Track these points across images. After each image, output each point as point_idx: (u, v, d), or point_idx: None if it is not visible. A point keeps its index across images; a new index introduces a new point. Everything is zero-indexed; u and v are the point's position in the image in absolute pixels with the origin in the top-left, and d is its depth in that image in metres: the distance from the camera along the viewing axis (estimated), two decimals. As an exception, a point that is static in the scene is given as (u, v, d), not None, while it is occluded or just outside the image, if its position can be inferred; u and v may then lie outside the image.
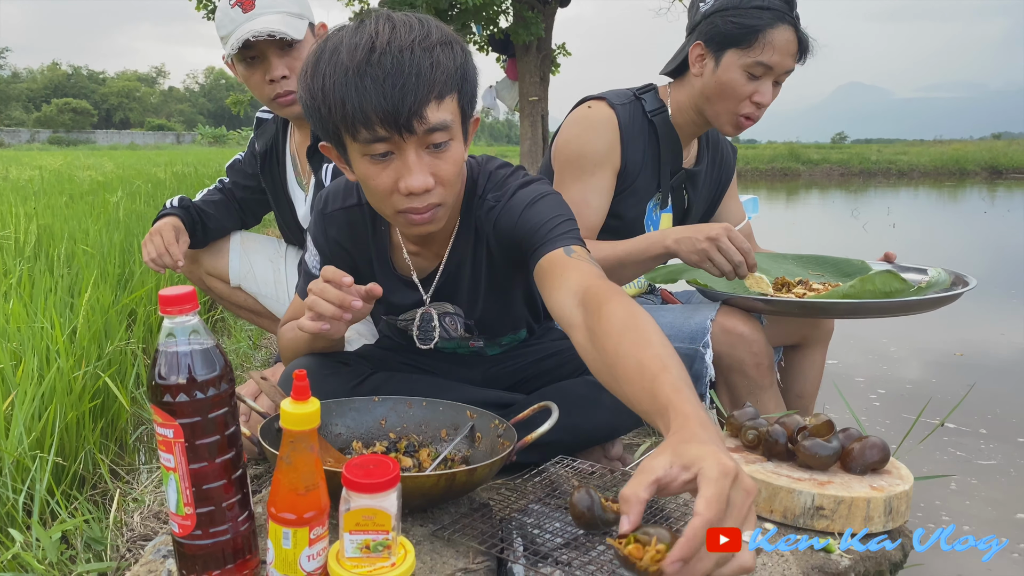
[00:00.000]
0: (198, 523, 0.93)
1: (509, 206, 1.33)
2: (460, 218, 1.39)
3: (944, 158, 22.53)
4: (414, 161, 1.15)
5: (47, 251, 3.71)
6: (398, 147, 1.15)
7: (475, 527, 1.14)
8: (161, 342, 0.91)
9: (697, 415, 0.85)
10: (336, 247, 1.45)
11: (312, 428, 0.89)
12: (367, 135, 1.13)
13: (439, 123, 1.13)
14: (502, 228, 1.34)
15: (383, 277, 1.45)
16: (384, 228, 1.43)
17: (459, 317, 1.48)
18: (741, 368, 1.73)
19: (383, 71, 1.09)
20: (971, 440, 2.86)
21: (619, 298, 1.07)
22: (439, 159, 1.18)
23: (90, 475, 1.91)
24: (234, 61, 1.86)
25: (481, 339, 1.55)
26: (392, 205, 1.21)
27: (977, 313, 4.79)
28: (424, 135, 1.14)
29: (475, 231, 1.39)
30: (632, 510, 0.77)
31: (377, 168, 1.17)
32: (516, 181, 1.37)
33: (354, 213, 1.43)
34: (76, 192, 7.08)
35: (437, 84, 1.11)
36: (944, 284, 1.75)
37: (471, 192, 1.38)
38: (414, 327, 1.51)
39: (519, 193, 1.34)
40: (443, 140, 1.16)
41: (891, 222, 9.92)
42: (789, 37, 1.74)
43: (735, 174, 2.17)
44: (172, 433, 0.90)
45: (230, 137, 51.65)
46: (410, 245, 1.43)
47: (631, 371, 0.96)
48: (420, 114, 1.11)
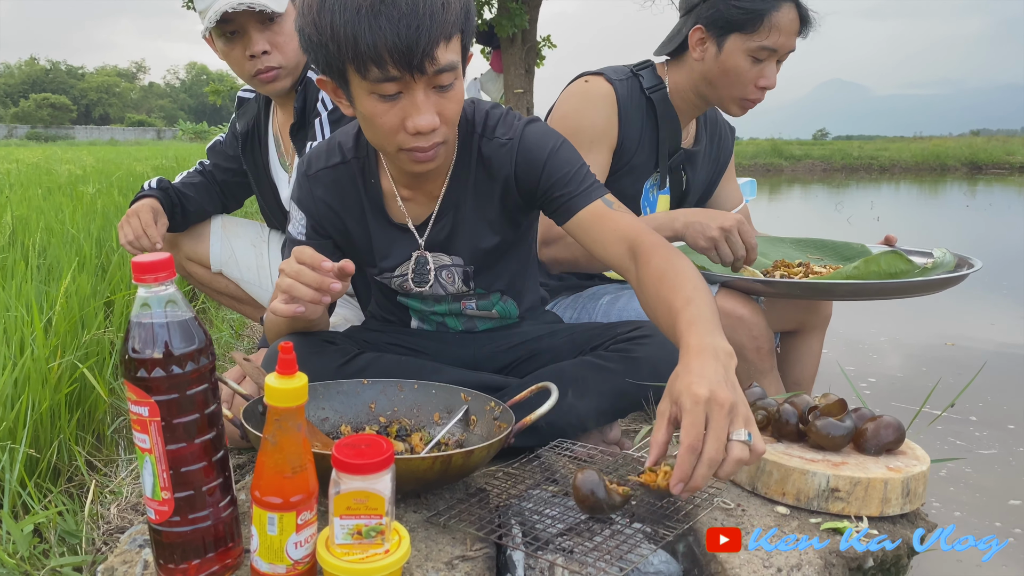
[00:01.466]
0: (176, 509, 0.86)
1: (528, 145, 1.35)
2: (456, 156, 1.38)
3: (925, 154, 22.66)
4: (423, 100, 1.16)
5: (22, 241, 3.62)
6: (407, 87, 1.14)
7: (472, 513, 1.08)
8: (135, 313, 0.84)
9: (699, 345, 0.98)
10: (324, 207, 1.42)
11: (299, 405, 0.83)
12: (378, 74, 1.12)
13: (448, 64, 1.14)
14: (524, 167, 1.35)
15: (379, 228, 1.43)
16: (375, 180, 1.41)
17: (457, 268, 1.45)
18: (741, 352, 1.67)
19: (398, 11, 1.08)
20: (962, 427, 2.84)
21: (662, 250, 1.21)
22: (444, 98, 1.18)
23: (65, 467, 1.84)
24: (213, 36, 1.78)
25: (475, 297, 1.50)
26: (396, 143, 1.21)
27: (964, 303, 4.79)
28: (433, 76, 1.14)
29: (479, 167, 1.39)
30: (653, 452, 0.97)
31: (385, 106, 1.16)
32: (519, 119, 1.39)
33: (340, 170, 1.41)
34: (54, 185, 6.95)
35: (447, 24, 1.11)
36: (949, 266, 1.71)
37: (467, 131, 1.38)
38: (408, 271, 1.46)
39: (530, 131, 1.36)
40: (450, 81, 1.17)
41: (875, 215, 9.96)
42: (792, 16, 1.69)
43: (733, 155, 2.12)
44: (147, 411, 0.84)
45: (212, 133, 51.18)
46: (403, 190, 1.40)
47: (662, 313, 1.13)
48: (432, 55, 1.11)
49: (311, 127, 1.78)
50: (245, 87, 2.07)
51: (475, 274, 1.47)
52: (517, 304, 1.56)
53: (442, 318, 1.54)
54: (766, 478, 1.10)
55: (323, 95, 1.78)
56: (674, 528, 1.02)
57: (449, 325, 1.55)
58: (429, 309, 1.53)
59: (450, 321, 1.55)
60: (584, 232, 1.32)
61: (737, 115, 1.85)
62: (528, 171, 1.36)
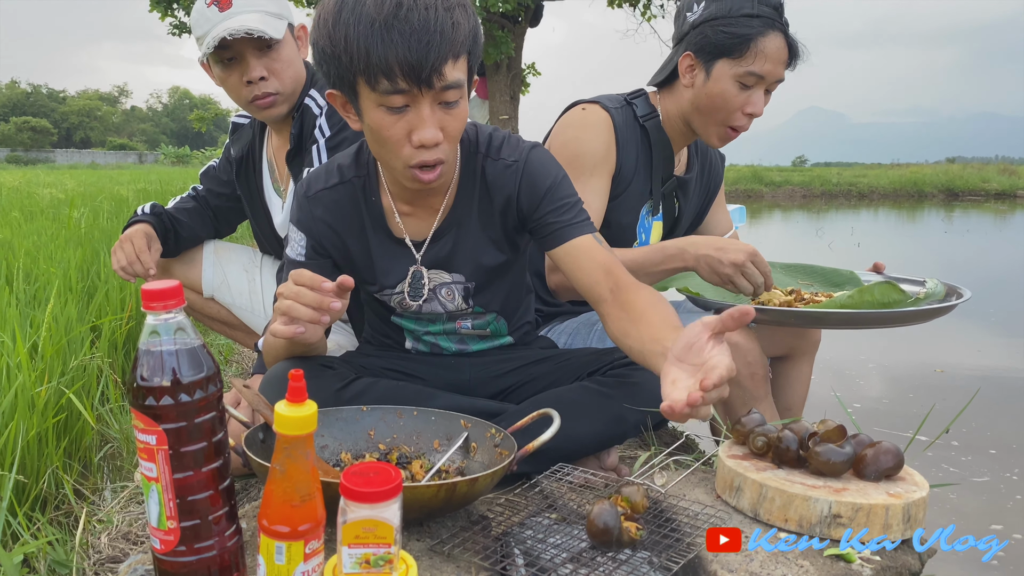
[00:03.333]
0: (182, 538, 0.86)
1: (533, 169, 1.40)
2: (459, 175, 1.42)
3: (902, 180, 22.99)
4: (428, 115, 1.19)
5: (6, 266, 3.58)
6: (414, 100, 1.18)
7: (475, 541, 1.07)
8: (143, 341, 0.84)
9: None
10: (323, 226, 1.43)
11: (309, 433, 0.83)
12: (387, 86, 1.16)
13: (454, 81, 1.18)
14: (528, 189, 1.40)
15: (380, 245, 1.45)
16: (375, 198, 1.43)
17: (458, 285, 1.47)
18: (736, 378, 1.68)
19: (410, 26, 1.12)
20: (947, 452, 2.86)
21: (644, 291, 1.30)
22: (449, 115, 1.22)
23: (52, 496, 1.81)
24: (210, 62, 1.79)
25: (471, 316, 1.52)
26: (402, 158, 1.24)
27: (950, 330, 4.84)
28: (440, 91, 1.18)
29: (482, 186, 1.42)
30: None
31: (391, 119, 1.20)
32: (523, 142, 1.44)
33: (340, 190, 1.43)
34: (35, 209, 6.89)
35: (456, 44, 1.16)
36: (939, 295, 1.73)
37: (470, 150, 1.42)
38: (405, 286, 1.47)
39: (535, 155, 1.42)
40: (455, 99, 1.21)
41: (856, 241, 10.07)
42: (780, 44, 1.72)
43: (723, 183, 2.15)
44: (155, 440, 0.83)
45: (194, 157, 50.97)
46: (402, 206, 1.43)
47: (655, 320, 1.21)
48: (440, 71, 1.15)
49: (308, 153, 1.79)
50: (239, 113, 2.08)
51: (475, 291, 1.48)
52: (508, 324, 1.57)
53: (435, 338, 1.55)
54: (768, 504, 1.11)
55: (320, 122, 1.79)
56: (678, 558, 1.02)
57: (442, 345, 1.56)
58: (423, 329, 1.54)
59: (443, 341, 1.55)
60: (571, 260, 1.37)
61: (716, 146, 1.87)
62: (531, 194, 1.39)
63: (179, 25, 13.92)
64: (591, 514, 1.04)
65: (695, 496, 1.24)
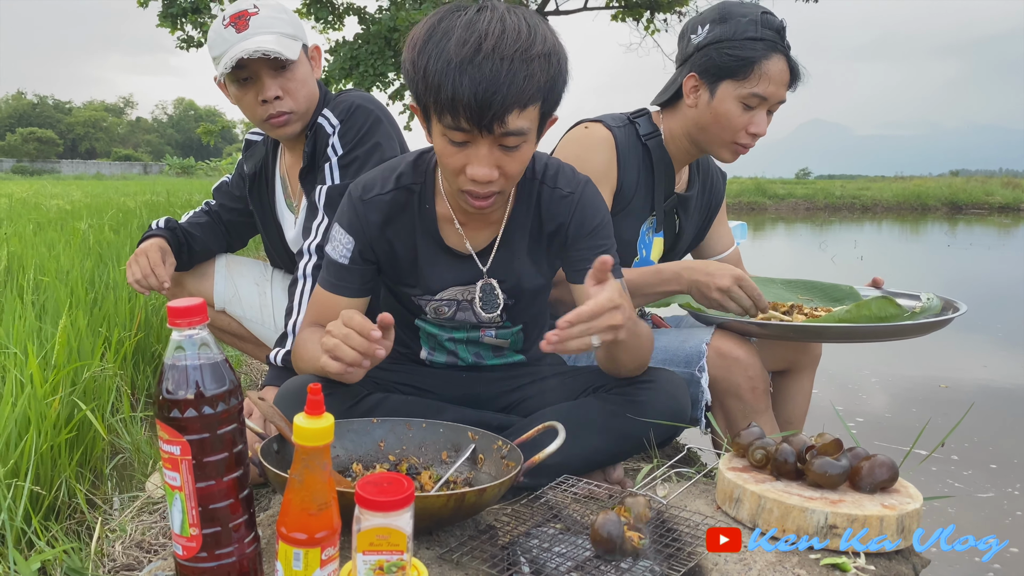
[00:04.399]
0: (204, 545, 0.90)
1: (587, 203, 1.48)
2: (515, 198, 1.49)
3: (906, 193, 23.03)
4: (485, 155, 1.25)
5: (16, 278, 3.62)
6: (474, 139, 1.25)
7: (483, 550, 1.11)
8: (169, 356, 0.88)
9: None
10: (375, 230, 1.48)
11: (326, 444, 0.87)
12: (451, 122, 1.22)
13: (516, 130, 1.23)
14: (579, 220, 1.47)
15: (428, 251, 1.50)
16: (429, 206, 1.48)
17: (501, 297, 1.53)
18: (737, 392, 1.72)
19: (481, 73, 1.17)
20: (945, 466, 2.89)
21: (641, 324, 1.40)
22: (508, 157, 1.27)
23: (65, 506, 1.84)
24: (227, 82, 1.83)
25: (497, 328, 1.58)
26: (457, 183, 1.32)
27: (954, 344, 4.85)
28: (500, 136, 1.23)
29: (536, 212, 1.49)
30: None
31: (452, 149, 1.27)
32: (577, 174, 1.51)
33: (396, 195, 1.48)
34: (44, 220, 6.95)
35: (524, 96, 1.20)
36: (936, 310, 1.77)
37: (527, 176, 1.48)
38: (475, 296, 1.52)
39: (590, 191, 1.49)
40: (516, 144, 1.26)
41: (858, 254, 10.09)
42: (782, 67, 1.76)
43: (724, 200, 2.19)
44: (179, 450, 0.87)
45: (199, 168, 51.16)
46: (460, 216, 1.48)
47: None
48: (502, 119, 1.20)
49: (321, 171, 1.83)
50: (253, 130, 2.12)
51: (511, 307, 1.54)
52: (525, 339, 1.62)
53: (455, 345, 1.59)
54: (767, 515, 1.14)
55: (333, 140, 1.83)
56: (679, 566, 1.06)
57: (460, 354, 1.60)
58: (446, 335, 1.58)
59: (461, 350, 1.60)
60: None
61: (729, 161, 1.91)
62: (580, 225, 1.47)
63: (187, 39, 14.03)
64: (595, 524, 1.07)
65: (696, 507, 1.28)
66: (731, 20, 1.77)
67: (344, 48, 14.16)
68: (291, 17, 1.84)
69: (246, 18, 1.76)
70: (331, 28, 14.62)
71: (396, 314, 1.62)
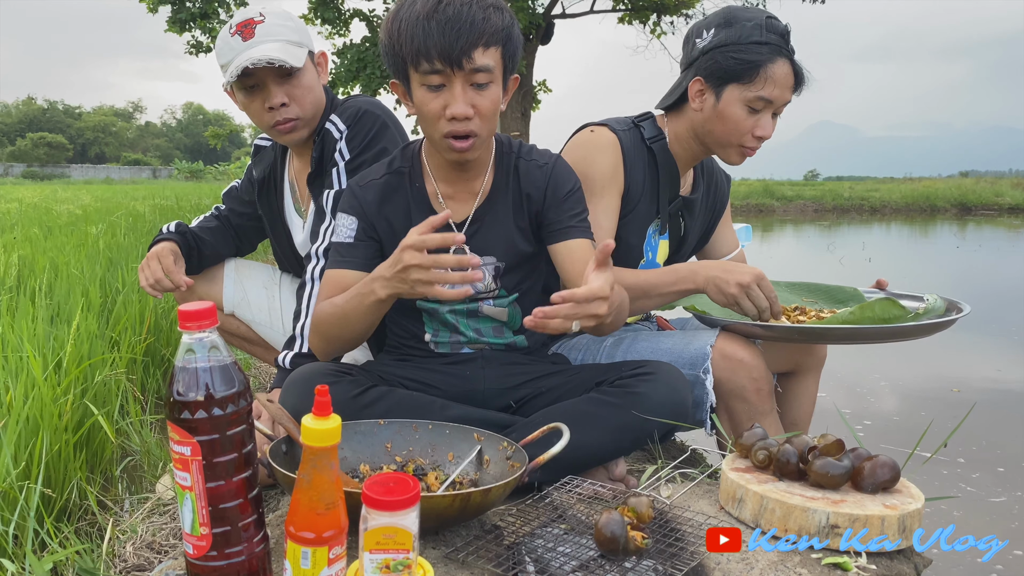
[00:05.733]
0: (213, 544, 0.91)
1: (560, 172, 1.65)
2: (495, 169, 1.64)
3: (915, 195, 22.93)
4: (459, 92, 1.42)
5: (27, 282, 3.66)
6: (449, 80, 1.41)
7: (488, 549, 1.13)
8: (180, 358, 0.90)
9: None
10: (373, 208, 1.63)
11: (334, 444, 0.88)
12: (426, 67, 1.40)
13: (482, 65, 1.41)
14: (553, 188, 1.62)
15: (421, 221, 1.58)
16: (419, 184, 1.64)
17: (489, 265, 1.64)
18: (742, 394, 1.73)
19: (445, 17, 1.37)
20: (945, 467, 2.88)
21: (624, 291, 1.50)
22: (479, 95, 1.44)
23: (77, 507, 1.87)
24: (234, 89, 1.85)
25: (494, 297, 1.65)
26: (439, 129, 1.47)
27: (966, 346, 4.83)
28: (470, 73, 1.41)
29: (515, 180, 1.64)
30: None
31: (431, 96, 1.43)
32: (551, 152, 1.70)
33: (389, 179, 1.65)
34: (54, 224, 7.00)
35: (485, 34, 1.39)
36: (939, 311, 1.77)
37: (505, 151, 1.66)
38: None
39: (562, 163, 1.67)
40: (485, 81, 1.43)
41: (867, 256, 10.05)
42: (787, 70, 1.77)
43: (729, 202, 2.20)
44: (189, 451, 0.89)
45: (207, 172, 51.34)
46: (444, 187, 1.63)
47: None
48: (468, 54, 1.38)
49: (328, 176, 1.85)
50: (261, 135, 2.15)
51: (505, 271, 1.64)
52: (522, 314, 1.67)
53: (456, 318, 1.64)
54: (769, 515, 1.16)
55: (341, 145, 1.85)
56: (682, 565, 1.07)
57: (461, 328, 1.64)
58: (447, 307, 1.64)
59: (462, 324, 1.64)
60: (567, 255, 1.59)
61: (737, 163, 1.92)
62: (554, 192, 1.62)
63: (196, 44, 14.11)
64: (599, 524, 1.08)
65: (699, 507, 1.29)
66: (736, 24, 1.78)
67: (351, 51, 14.22)
68: (297, 24, 1.87)
69: (252, 26, 1.78)
70: (337, 34, 14.69)
71: (398, 302, 1.66)
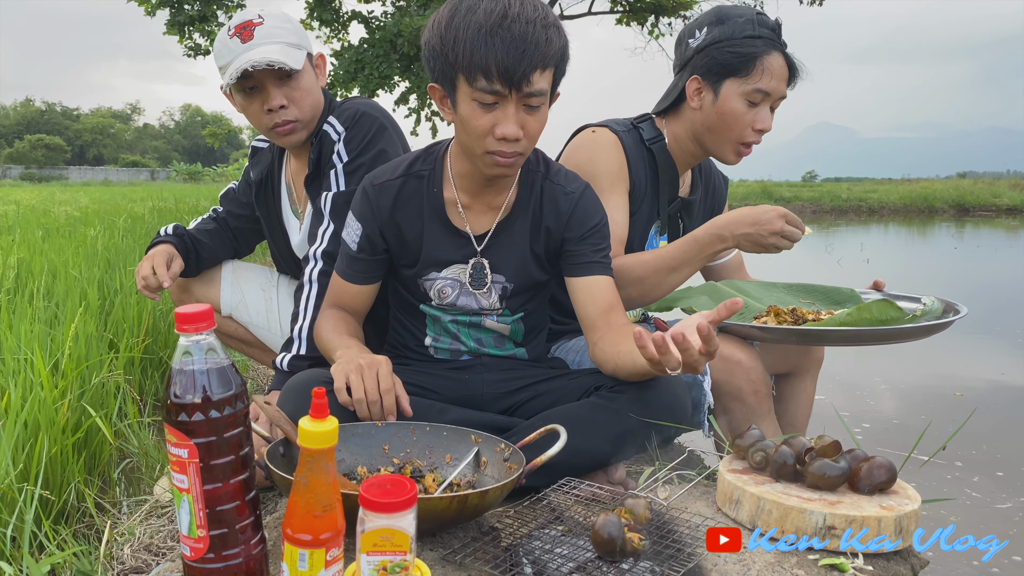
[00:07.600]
0: (211, 546, 0.91)
1: (586, 203, 1.60)
2: (519, 185, 1.60)
3: (913, 196, 22.97)
4: (512, 114, 1.38)
5: (26, 284, 3.65)
6: (503, 100, 1.37)
7: (486, 551, 1.13)
8: (177, 361, 0.90)
9: None
10: (385, 213, 1.60)
11: (331, 447, 0.88)
12: (484, 84, 1.34)
13: (540, 89, 1.37)
14: (578, 218, 1.58)
15: (434, 231, 1.60)
16: (437, 190, 1.59)
17: (497, 285, 1.61)
18: (739, 395, 1.74)
19: (511, 36, 1.31)
20: (947, 471, 2.88)
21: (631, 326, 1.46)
22: (531, 116, 1.40)
23: (75, 510, 1.87)
24: (232, 91, 1.85)
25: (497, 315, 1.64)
26: (483, 145, 1.42)
27: (968, 349, 4.82)
28: (526, 96, 1.36)
29: (538, 202, 1.60)
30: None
31: (480, 112, 1.39)
32: (580, 178, 1.64)
33: (407, 181, 1.60)
34: (52, 226, 7.00)
35: (548, 57, 1.35)
36: (936, 312, 1.78)
37: (531, 168, 1.61)
38: (466, 275, 1.61)
39: (590, 193, 1.62)
40: (538, 104, 1.39)
41: (865, 257, 10.06)
42: (781, 63, 1.79)
43: (727, 204, 2.20)
44: (187, 453, 0.89)
45: (205, 173, 51.30)
46: (464, 198, 1.58)
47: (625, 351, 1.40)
48: (528, 78, 1.34)
49: (326, 178, 1.86)
50: (259, 137, 2.15)
51: (512, 293, 1.62)
52: (524, 333, 1.67)
53: (458, 328, 1.64)
54: (766, 516, 1.16)
55: (339, 148, 1.86)
56: (679, 567, 1.07)
57: (462, 338, 1.64)
58: (450, 317, 1.63)
59: (464, 333, 1.64)
60: (586, 291, 1.56)
61: (733, 163, 1.92)
62: (579, 224, 1.58)
63: (194, 47, 14.09)
64: (596, 525, 1.09)
65: (696, 508, 1.29)
66: (728, 21, 1.80)
67: (349, 52, 14.21)
68: (295, 27, 1.87)
69: (251, 28, 1.78)
70: (335, 37, 14.68)
71: (402, 301, 1.70)
